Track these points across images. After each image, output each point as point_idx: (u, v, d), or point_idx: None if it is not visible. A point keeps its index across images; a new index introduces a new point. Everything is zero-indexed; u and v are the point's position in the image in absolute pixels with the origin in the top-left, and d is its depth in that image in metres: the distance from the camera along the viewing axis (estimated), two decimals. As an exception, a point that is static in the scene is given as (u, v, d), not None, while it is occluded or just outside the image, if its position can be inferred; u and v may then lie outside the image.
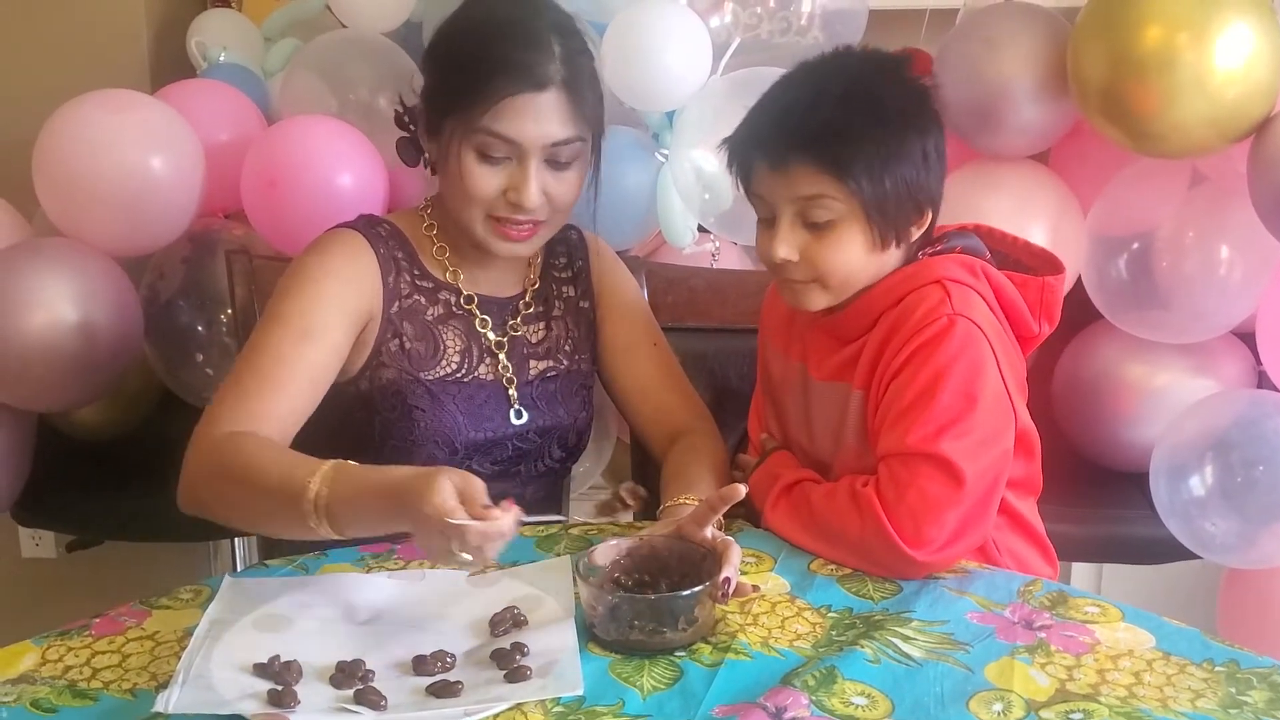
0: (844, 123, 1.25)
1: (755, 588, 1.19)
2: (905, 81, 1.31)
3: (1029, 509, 1.41)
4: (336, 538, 1.16)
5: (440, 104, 1.39)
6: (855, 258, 1.28)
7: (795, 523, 1.29)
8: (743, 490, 1.18)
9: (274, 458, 1.22)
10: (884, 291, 1.31)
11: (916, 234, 1.31)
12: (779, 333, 1.46)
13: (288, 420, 1.31)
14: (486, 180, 1.37)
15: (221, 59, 2.28)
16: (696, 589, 1.08)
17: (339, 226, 1.45)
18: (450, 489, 1.06)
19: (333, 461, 1.17)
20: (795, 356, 1.42)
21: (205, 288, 2.01)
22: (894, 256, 1.32)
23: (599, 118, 1.42)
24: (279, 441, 1.29)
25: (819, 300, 1.33)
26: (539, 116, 1.34)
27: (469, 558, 1.06)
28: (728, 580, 1.12)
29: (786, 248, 1.29)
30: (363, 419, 1.43)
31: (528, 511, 1.53)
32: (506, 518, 1.06)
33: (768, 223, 1.32)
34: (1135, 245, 1.85)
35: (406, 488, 1.09)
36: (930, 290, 1.28)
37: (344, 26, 2.20)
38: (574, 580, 1.15)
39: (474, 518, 1.05)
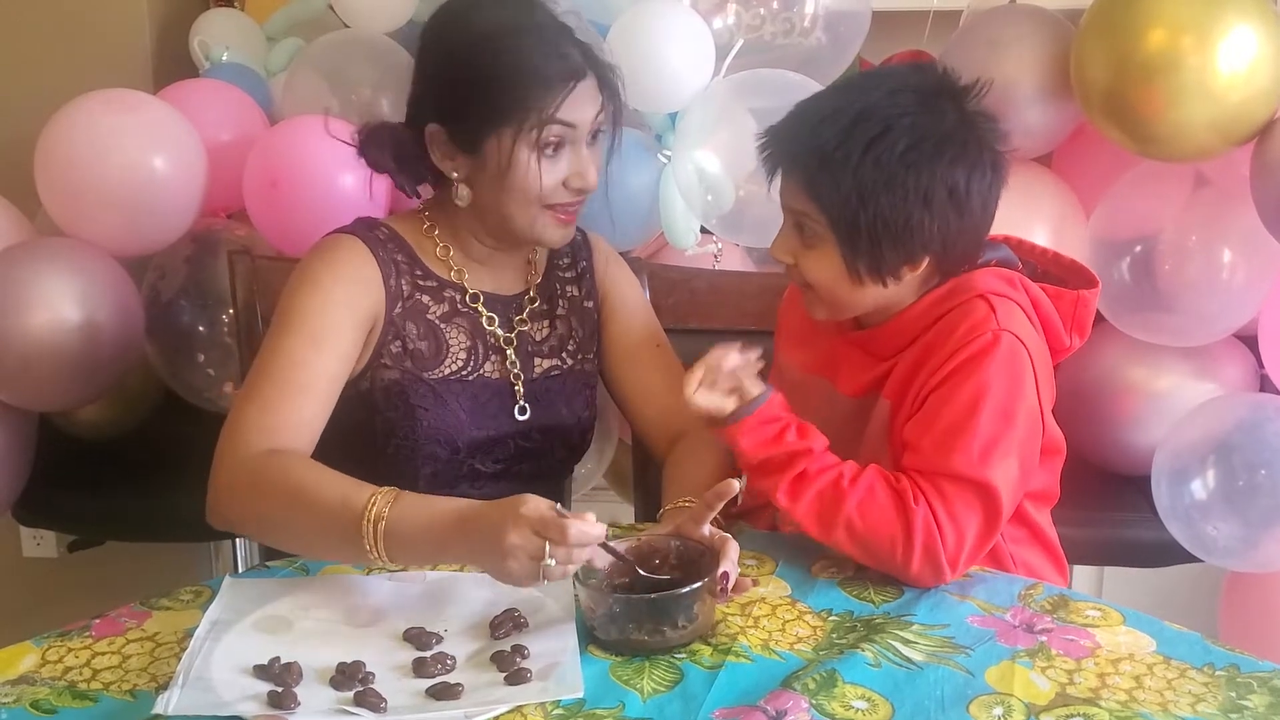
0: (833, 148, 1.22)
1: (755, 581, 1.19)
2: (943, 116, 1.24)
3: (1045, 519, 1.41)
4: (388, 564, 1.16)
5: (485, 120, 1.37)
6: (833, 280, 1.28)
7: (819, 522, 1.23)
8: (736, 485, 1.18)
9: (327, 479, 1.21)
10: (923, 311, 1.30)
11: (909, 275, 1.28)
12: (798, 345, 1.45)
13: (312, 426, 1.31)
14: (552, 174, 1.38)
15: (224, 59, 2.28)
16: (695, 586, 1.08)
17: (336, 232, 1.45)
18: (538, 499, 1.07)
19: (390, 488, 1.16)
20: (820, 371, 1.41)
21: (207, 288, 2.01)
22: (905, 289, 1.30)
23: (617, 80, 1.44)
24: (307, 449, 1.29)
25: (817, 309, 1.33)
26: (586, 100, 1.38)
27: (554, 563, 1.05)
28: (725, 575, 1.12)
29: (778, 249, 1.32)
30: (364, 419, 1.43)
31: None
32: (598, 524, 1.06)
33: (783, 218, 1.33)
34: (1138, 248, 1.84)
35: (481, 513, 1.09)
36: (975, 304, 1.26)
37: (346, 26, 2.20)
38: (574, 584, 1.15)
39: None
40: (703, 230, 1.97)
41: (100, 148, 1.86)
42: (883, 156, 1.21)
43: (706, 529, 1.19)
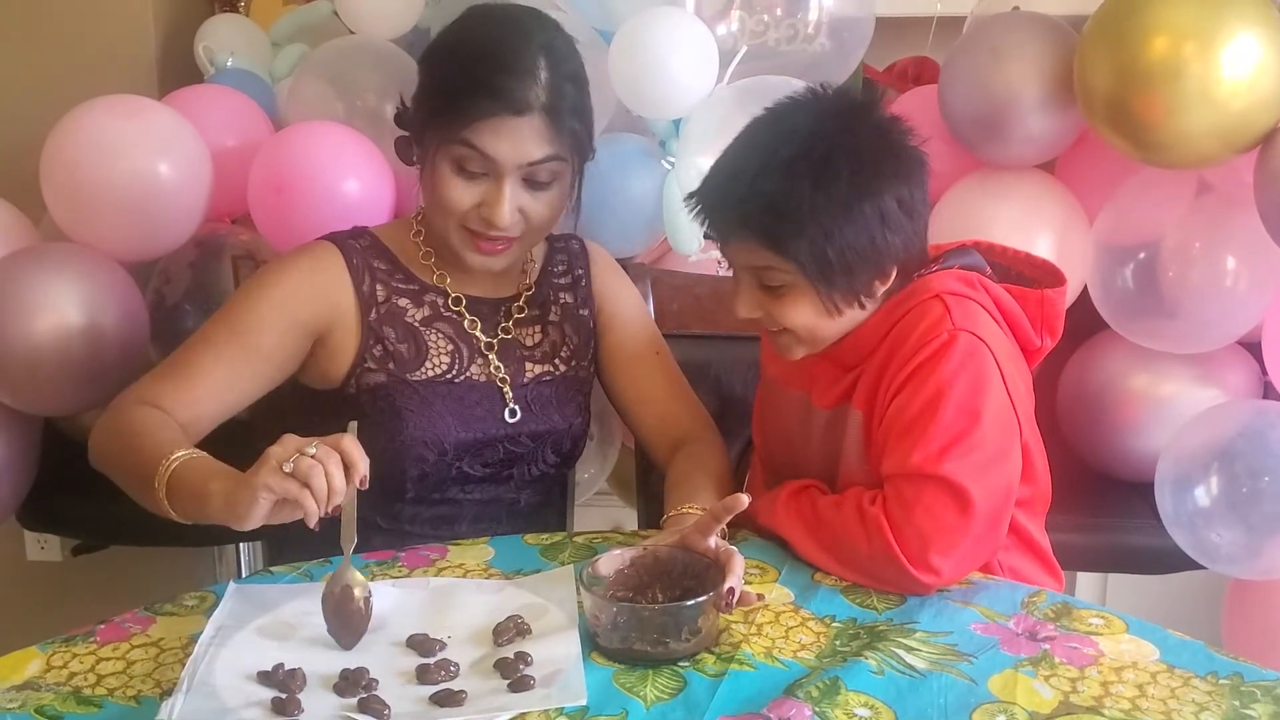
0: (782, 196, 1.22)
1: (760, 596, 1.19)
2: (867, 135, 1.26)
3: (1035, 525, 1.41)
4: (171, 511, 1.22)
5: (424, 114, 1.42)
6: (812, 319, 1.29)
7: (802, 529, 1.29)
8: (745, 500, 1.18)
9: (155, 431, 1.28)
10: (882, 316, 1.30)
11: (881, 289, 1.29)
12: (777, 361, 1.45)
13: (199, 406, 1.37)
14: (461, 193, 1.39)
15: (229, 64, 2.28)
16: (700, 599, 1.08)
17: (322, 237, 1.49)
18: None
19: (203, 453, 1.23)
20: (797, 386, 1.41)
21: (211, 292, 2.02)
22: (869, 307, 1.31)
23: (582, 143, 1.43)
24: (184, 420, 1.34)
25: (798, 350, 1.33)
26: (515, 139, 1.36)
27: (314, 450, 1.08)
28: (731, 590, 1.12)
29: (746, 307, 1.31)
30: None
31: (525, 519, 1.54)
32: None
33: (734, 277, 1.33)
34: (1141, 255, 1.84)
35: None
36: (930, 305, 1.27)
37: (351, 32, 2.21)
38: (578, 590, 1.15)
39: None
40: (706, 236, 1.97)
41: (105, 153, 1.86)
42: (833, 189, 1.22)
43: (713, 541, 1.19)
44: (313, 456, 1.07)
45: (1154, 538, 1.82)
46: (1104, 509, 1.94)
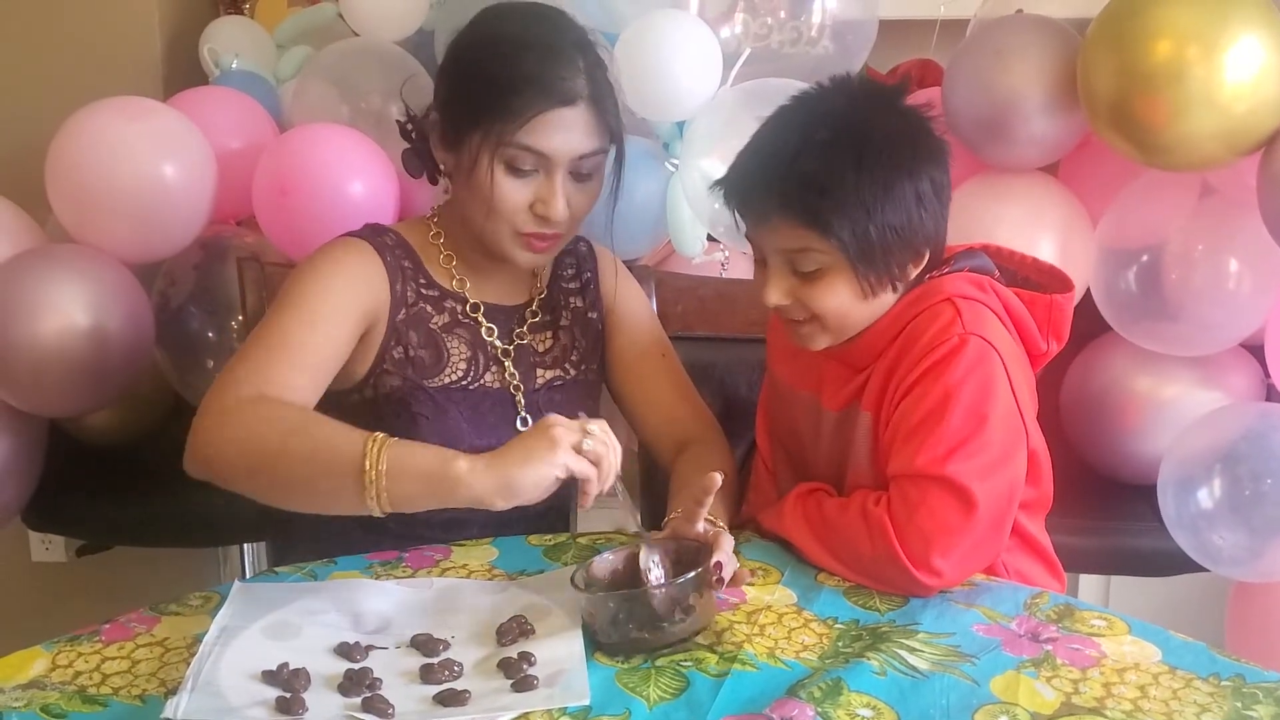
0: (825, 175, 1.22)
1: (751, 573, 1.21)
2: (899, 118, 1.28)
3: (1037, 527, 1.41)
4: (379, 510, 1.13)
5: (465, 118, 1.38)
6: (846, 303, 1.28)
7: (807, 530, 1.29)
8: (719, 478, 1.19)
9: (320, 420, 1.21)
10: (894, 318, 1.30)
11: (914, 272, 1.30)
12: (785, 360, 1.45)
13: (301, 395, 1.29)
14: (515, 194, 1.38)
15: (234, 66, 2.29)
16: (688, 576, 1.09)
17: (345, 235, 1.46)
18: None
19: (379, 435, 1.15)
20: (806, 387, 1.41)
21: (216, 294, 2.02)
22: (899, 290, 1.31)
23: (620, 128, 1.43)
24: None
25: (820, 340, 1.32)
26: (569, 130, 1.35)
27: (596, 430, 1.14)
28: (719, 565, 1.14)
29: (777, 294, 1.30)
30: (364, 426, 1.44)
31: (535, 524, 1.54)
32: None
33: (761, 264, 1.32)
34: (1144, 257, 1.84)
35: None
36: (941, 308, 1.27)
37: (356, 34, 2.21)
38: (575, 593, 1.15)
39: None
40: (710, 238, 1.98)
41: (111, 155, 1.87)
42: (874, 169, 1.23)
43: (700, 525, 1.21)
44: (595, 437, 1.13)
45: (1157, 540, 1.82)
46: (1107, 511, 1.94)
